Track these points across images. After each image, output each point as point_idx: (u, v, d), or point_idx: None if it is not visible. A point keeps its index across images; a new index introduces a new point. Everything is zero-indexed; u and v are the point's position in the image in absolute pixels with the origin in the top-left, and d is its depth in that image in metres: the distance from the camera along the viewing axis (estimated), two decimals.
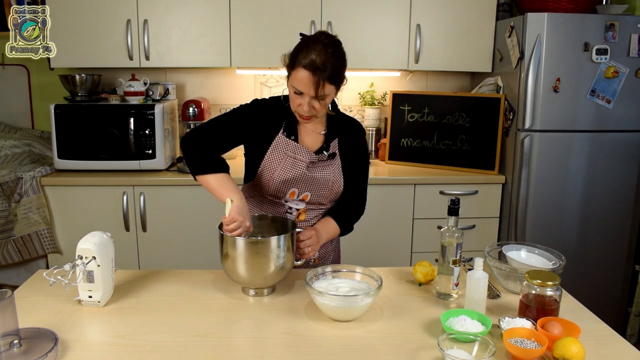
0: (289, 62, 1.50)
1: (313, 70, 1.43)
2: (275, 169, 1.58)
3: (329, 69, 1.43)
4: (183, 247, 2.73)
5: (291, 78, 1.49)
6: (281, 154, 1.59)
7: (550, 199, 2.69)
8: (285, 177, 1.58)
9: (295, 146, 1.59)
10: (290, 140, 1.60)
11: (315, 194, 1.63)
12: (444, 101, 2.99)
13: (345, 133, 1.67)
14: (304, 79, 1.44)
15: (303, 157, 1.59)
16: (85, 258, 1.32)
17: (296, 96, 1.50)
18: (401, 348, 1.20)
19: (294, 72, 1.47)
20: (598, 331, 1.30)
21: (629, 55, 2.57)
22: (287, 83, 1.53)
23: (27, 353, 1.10)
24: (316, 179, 1.61)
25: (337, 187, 1.65)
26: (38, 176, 2.61)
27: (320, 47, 1.44)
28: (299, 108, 1.52)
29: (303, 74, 1.44)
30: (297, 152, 1.59)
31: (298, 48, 1.49)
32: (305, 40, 1.50)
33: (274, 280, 1.46)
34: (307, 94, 1.47)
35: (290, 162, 1.59)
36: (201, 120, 2.79)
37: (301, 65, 1.44)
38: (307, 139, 1.63)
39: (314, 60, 1.42)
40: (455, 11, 2.89)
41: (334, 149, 1.65)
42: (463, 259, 1.52)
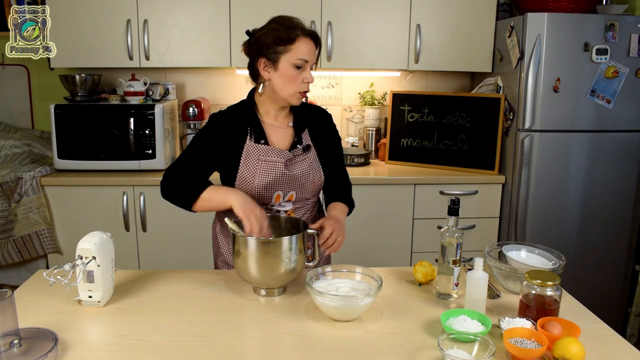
0: (285, 39, 1.49)
1: (313, 36, 1.52)
2: (253, 177, 1.56)
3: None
4: (183, 247, 2.73)
5: (291, 53, 1.50)
6: (254, 160, 1.57)
7: (550, 199, 2.69)
8: (266, 181, 1.56)
9: (266, 149, 1.57)
10: (260, 145, 1.57)
11: (300, 191, 1.62)
12: (444, 101, 2.99)
13: (313, 123, 1.67)
14: (307, 47, 1.50)
15: (277, 158, 1.57)
16: (85, 258, 1.32)
17: (298, 72, 1.51)
18: (401, 348, 1.20)
19: (295, 46, 1.49)
20: (598, 331, 1.30)
21: (629, 55, 2.57)
22: (274, 69, 1.52)
23: (27, 353, 1.10)
24: (296, 177, 1.60)
25: (319, 179, 1.65)
26: (38, 176, 2.61)
27: (298, 19, 1.54)
28: (302, 84, 1.53)
29: (307, 42, 1.50)
30: (269, 155, 1.57)
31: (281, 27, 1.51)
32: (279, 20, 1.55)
33: (285, 281, 1.45)
34: (310, 62, 1.52)
35: (266, 166, 1.57)
36: (201, 120, 2.79)
37: (302, 35, 1.50)
38: (276, 138, 1.61)
39: (306, 28, 1.52)
40: (455, 11, 2.89)
41: (307, 141, 1.64)
42: (463, 259, 1.52)
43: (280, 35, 1.49)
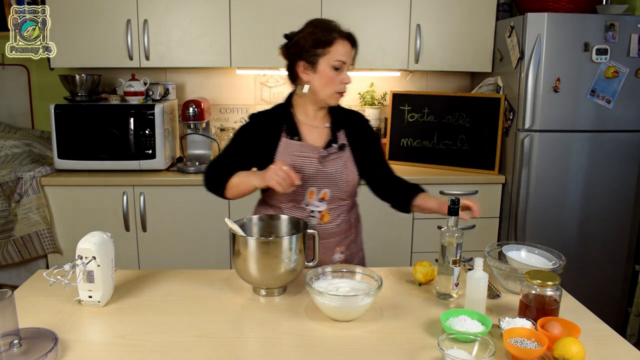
0: (322, 43, 1.54)
1: (350, 38, 1.57)
2: None
3: None
4: (183, 247, 2.73)
5: (329, 56, 1.55)
6: (289, 156, 1.61)
7: (550, 199, 2.69)
8: (300, 176, 1.57)
9: (300, 145, 1.62)
10: (295, 141, 1.62)
11: (334, 189, 1.64)
12: (444, 101, 2.99)
13: (349, 124, 1.71)
14: (345, 49, 1.55)
15: (311, 153, 1.61)
16: (85, 258, 1.32)
17: (336, 73, 1.56)
18: (401, 348, 1.20)
19: (333, 48, 1.54)
20: (598, 331, 1.30)
21: (629, 55, 2.57)
22: (313, 71, 1.57)
23: (27, 353, 1.10)
24: (330, 174, 1.63)
25: (353, 179, 1.67)
26: (38, 176, 2.61)
27: (335, 22, 1.58)
28: (340, 85, 1.58)
29: (344, 45, 1.55)
30: (303, 150, 1.61)
31: (319, 30, 1.55)
32: (316, 23, 1.59)
33: (285, 281, 1.45)
34: (347, 63, 1.57)
35: (300, 162, 1.61)
36: (201, 120, 2.79)
37: (339, 38, 1.55)
38: (312, 137, 1.65)
39: (343, 30, 1.56)
40: (455, 11, 2.89)
41: (343, 140, 1.67)
42: (463, 259, 1.52)
43: (318, 38, 1.54)
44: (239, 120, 3.27)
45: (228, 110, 3.26)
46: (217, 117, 3.25)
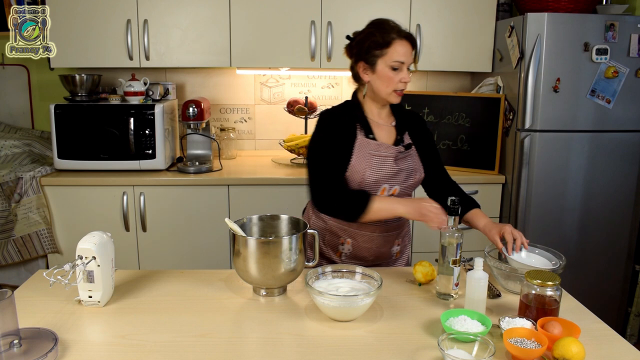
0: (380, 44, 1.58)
1: (409, 38, 1.59)
2: (364, 170, 1.62)
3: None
4: (183, 247, 2.73)
5: (387, 56, 1.58)
6: (366, 154, 1.63)
7: (550, 199, 2.69)
8: (377, 176, 1.62)
9: (377, 144, 1.64)
10: (370, 139, 1.65)
11: (403, 186, 1.68)
12: (444, 101, 2.99)
13: (412, 124, 1.76)
14: (403, 49, 1.58)
15: (387, 153, 1.64)
16: (85, 258, 1.32)
17: (394, 73, 1.59)
18: (401, 348, 1.20)
19: (391, 49, 1.57)
20: (598, 331, 1.30)
21: (629, 55, 2.57)
22: (372, 71, 1.61)
23: (27, 353, 1.10)
24: (402, 171, 1.66)
25: (420, 175, 1.72)
26: (38, 176, 2.61)
27: (394, 22, 1.62)
28: (399, 84, 1.60)
29: (402, 45, 1.57)
30: (380, 150, 1.64)
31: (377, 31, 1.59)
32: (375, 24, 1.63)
33: (285, 281, 1.46)
34: (406, 63, 1.59)
35: (377, 161, 1.63)
36: (201, 120, 2.78)
37: (397, 38, 1.57)
38: (381, 135, 1.69)
39: (405, 31, 1.59)
40: (455, 11, 2.89)
41: (408, 139, 1.72)
42: (463, 259, 1.52)
43: (376, 39, 1.58)
44: (239, 120, 3.27)
45: (228, 110, 3.26)
46: (217, 117, 3.25)
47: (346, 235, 1.71)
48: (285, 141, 3.02)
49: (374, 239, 1.70)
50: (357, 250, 1.72)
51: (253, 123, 3.28)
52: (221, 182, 2.68)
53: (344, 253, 1.74)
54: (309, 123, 3.10)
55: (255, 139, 3.30)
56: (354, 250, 1.72)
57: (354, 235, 1.70)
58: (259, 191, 2.70)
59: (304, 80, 3.26)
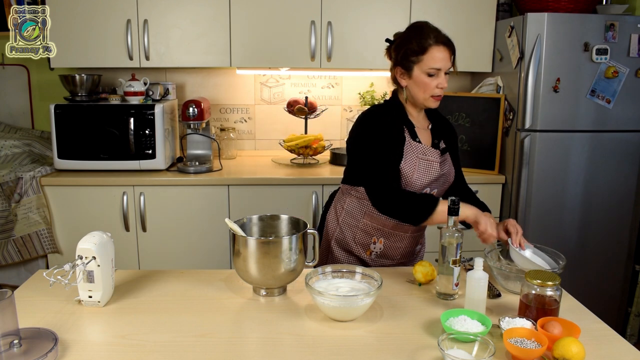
0: (416, 50, 1.57)
1: (447, 44, 1.58)
2: (412, 172, 1.63)
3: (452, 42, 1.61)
4: (183, 247, 2.73)
5: (423, 63, 1.58)
6: (414, 157, 1.64)
7: (550, 199, 2.69)
8: (425, 179, 1.64)
9: (423, 148, 1.66)
10: (417, 143, 1.66)
11: (440, 189, 1.71)
12: (444, 101, 2.95)
13: (444, 128, 1.78)
14: (440, 55, 1.57)
15: (433, 158, 1.66)
16: (85, 258, 1.32)
17: (431, 79, 1.59)
18: (401, 348, 1.20)
19: (427, 55, 1.57)
20: (598, 331, 1.30)
21: (629, 55, 2.57)
22: (409, 77, 1.61)
23: (27, 353, 1.10)
24: (444, 175, 1.69)
25: (452, 179, 1.75)
26: (38, 176, 2.61)
27: (432, 27, 1.60)
28: (436, 89, 1.60)
29: (439, 50, 1.57)
30: (427, 154, 1.65)
31: (414, 37, 1.59)
32: (413, 29, 1.61)
33: (285, 281, 1.46)
34: (443, 69, 1.59)
35: (424, 164, 1.64)
36: (201, 120, 2.78)
37: (434, 44, 1.56)
38: (423, 138, 1.70)
39: (440, 35, 1.58)
40: (455, 11, 2.89)
41: (443, 144, 1.73)
42: (463, 259, 1.52)
43: (412, 47, 1.59)
44: (239, 120, 3.27)
45: (228, 110, 3.26)
46: (217, 117, 3.25)
47: (379, 235, 1.72)
48: (285, 141, 3.02)
49: (405, 239, 1.73)
50: (388, 249, 1.74)
51: (253, 123, 3.28)
52: (221, 182, 2.68)
53: (374, 252, 1.75)
54: (309, 123, 3.10)
55: (255, 139, 3.30)
56: (385, 249, 1.74)
57: (387, 235, 1.72)
58: (259, 191, 2.70)
59: (304, 80, 3.26)
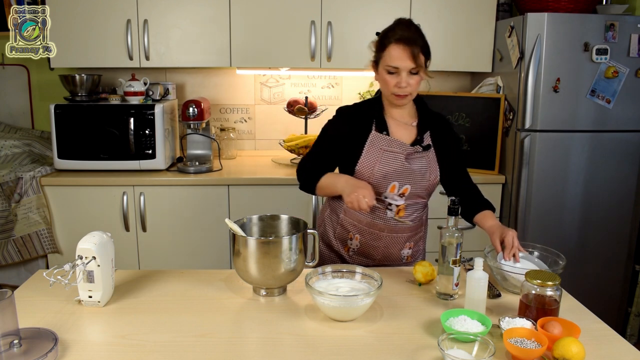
0: (378, 47, 1.61)
1: (405, 41, 1.55)
2: (374, 164, 1.63)
3: (419, 40, 1.57)
4: (183, 247, 2.73)
5: (383, 60, 1.59)
6: (377, 149, 1.64)
7: (550, 199, 2.69)
8: (386, 171, 1.63)
9: (389, 140, 1.65)
10: (384, 135, 1.65)
11: (415, 187, 1.67)
12: (444, 101, 2.99)
13: (435, 126, 1.74)
14: (397, 54, 1.55)
15: (399, 149, 1.64)
16: (85, 258, 1.32)
17: (391, 77, 1.58)
18: (401, 348, 1.20)
19: (385, 53, 1.57)
20: (598, 331, 1.30)
21: (629, 55, 2.57)
22: (377, 71, 1.63)
23: (27, 353, 1.10)
24: (415, 171, 1.66)
25: (434, 179, 1.71)
26: (38, 176, 2.61)
27: (404, 26, 1.58)
28: (394, 88, 1.59)
29: (396, 49, 1.55)
30: (392, 145, 1.64)
31: (383, 33, 1.61)
32: (390, 25, 1.61)
33: (285, 281, 1.46)
34: (403, 69, 1.56)
35: (388, 156, 1.64)
36: (201, 120, 2.79)
37: (393, 42, 1.55)
38: (399, 133, 1.69)
39: (404, 35, 1.55)
40: (455, 11, 2.89)
41: (428, 140, 1.70)
42: (463, 259, 1.52)
43: (377, 42, 1.61)
44: (239, 120, 3.27)
45: (228, 110, 3.26)
46: (217, 117, 3.25)
47: (355, 231, 1.72)
48: (285, 141, 3.02)
49: (382, 238, 1.71)
50: (365, 247, 1.73)
51: (253, 123, 3.28)
52: (221, 182, 2.68)
53: (352, 249, 1.75)
54: (309, 123, 3.10)
55: (255, 139, 3.30)
56: (362, 247, 1.73)
57: (362, 231, 1.71)
58: (259, 191, 2.70)
59: (304, 80, 3.26)
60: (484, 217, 1.67)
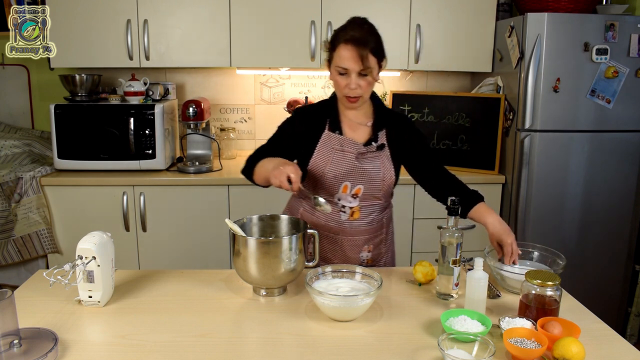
0: (330, 46, 1.57)
1: (355, 42, 1.50)
2: (325, 164, 1.61)
3: (370, 41, 1.51)
4: (183, 247, 2.73)
5: (334, 60, 1.56)
6: (329, 149, 1.62)
7: (550, 199, 2.69)
8: (337, 171, 1.61)
9: (341, 139, 1.63)
10: (336, 134, 1.63)
11: (368, 187, 1.64)
12: (444, 101, 2.99)
13: (392, 125, 1.70)
14: (346, 55, 1.50)
15: (350, 149, 1.62)
16: (85, 258, 1.32)
17: (341, 77, 1.55)
18: (401, 348, 1.20)
19: (336, 53, 1.54)
20: (598, 331, 1.30)
21: (629, 55, 2.57)
22: (330, 70, 1.59)
23: (27, 353, 1.10)
24: (367, 171, 1.63)
25: (389, 179, 1.66)
26: (38, 176, 2.61)
27: (356, 25, 1.55)
28: (345, 89, 1.56)
29: (345, 50, 1.51)
30: (344, 145, 1.62)
31: (335, 32, 1.57)
32: (344, 24, 1.59)
33: (285, 281, 1.45)
34: (352, 71, 1.52)
35: (339, 155, 1.62)
36: (201, 120, 2.79)
37: (343, 42, 1.51)
38: (352, 132, 1.66)
39: (353, 35, 1.51)
40: (455, 11, 2.89)
41: (382, 140, 1.67)
42: (463, 259, 1.52)
43: (328, 42, 1.58)
44: (239, 120, 3.27)
45: (228, 110, 3.26)
46: (217, 117, 3.25)
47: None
48: None
49: (338, 242, 1.67)
50: (322, 251, 1.68)
51: (253, 123, 3.28)
52: (221, 182, 2.68)
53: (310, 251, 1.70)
54: None
55: (255, 139, 3.30)
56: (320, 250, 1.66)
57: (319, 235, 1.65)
58: (259, 191, 2.69)
59: (304, 80, 3.26)
60: (479, 212, 1.60)
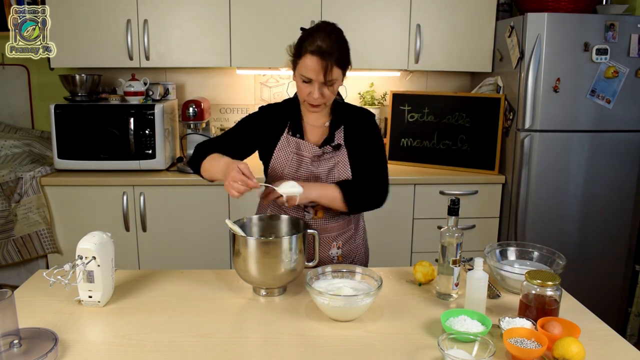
0: (295, 52, 1.53)
1: (321, 55, 1.46)
2: (283, 167, 1.61)
3: (336, 53, 1.48)
4: (183, 247, 2.73)
5: (298, 67, 1.52)
6: (287, 152, 1.62)
7: (550, 199, 2.69)
8: (294, 175, 1.60)
9: (298, 142, 1.61)
10: (295, 138, 1.62)
11: None
12: (444, 101, 2.99)
13: (351, 122, 1.65)
14: (311, 65, 1.47)
15: (306, 153, 1.61)
16: (85, 258, 1.32)
17: (305, 85, 1.52)
18: (401, 348, 1.20)
19: (301, 61, 1.50)
20: (598, 331, 1.30)
21: (629, 55, 2.57)
22: (294, 74, 1.56)
23: (27, 353, 1.10)
24: (319, 173, 1.62)
25: (345, 177, 1.63)
26: (38, 176, 2.61)
27: (324, 34, 1.49)
28: (308, 97, 1.53)
29: (311, 61, 1.47)
30: (300, 148, 1.61)
31: (302, 38, 1.53)
32: (308, 30, 1.54)
33: (285, 281, 1.45)
34: (316, 81, 1.49)
35: (296, 160, 1.61)
36: (201, 120, 2.79)
37: (308, 52, 1.47)
38: (312, 135, 1.65)
39: (320, 46, 1.46)
40: (455, 11, 2.89)
41: (339, 140, 1.64)
42: (463, 259, 1.52)
43: (295, 46, 1.54)
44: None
45: (228, 110, 3.26)
46: (217, 117, 3.25)
47: None
48: None
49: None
50: None
51: None
52: (221, 182, 2.68)
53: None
54: None
55: None
56: None
57: None
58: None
59: None
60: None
